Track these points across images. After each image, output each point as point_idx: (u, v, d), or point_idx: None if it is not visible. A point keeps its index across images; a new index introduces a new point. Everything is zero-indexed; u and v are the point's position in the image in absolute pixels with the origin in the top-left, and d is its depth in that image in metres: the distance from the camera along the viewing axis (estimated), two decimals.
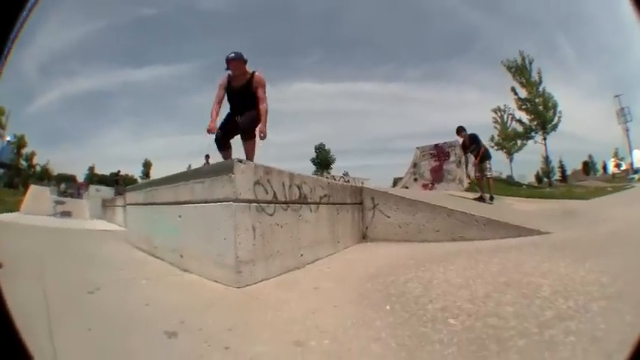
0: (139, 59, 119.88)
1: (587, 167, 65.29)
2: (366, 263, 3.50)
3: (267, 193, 3.24)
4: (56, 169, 52.19)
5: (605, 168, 67.07)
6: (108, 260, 4.25)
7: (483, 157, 8.84)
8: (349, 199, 4.80)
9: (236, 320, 2.14)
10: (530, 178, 52.12)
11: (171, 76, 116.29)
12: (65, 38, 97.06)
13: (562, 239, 3.74)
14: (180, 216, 3.70)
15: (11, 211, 14.03)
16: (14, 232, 7.46)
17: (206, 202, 3.25)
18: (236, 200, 2.88)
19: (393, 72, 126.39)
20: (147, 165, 60.66)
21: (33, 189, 17.35)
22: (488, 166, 8.96)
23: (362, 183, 15.30)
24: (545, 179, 39.43)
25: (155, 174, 60.02)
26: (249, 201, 3.00)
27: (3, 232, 7.72)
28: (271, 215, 3.24)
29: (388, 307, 2.18)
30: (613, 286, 2.07)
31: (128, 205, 6.03)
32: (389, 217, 4.89)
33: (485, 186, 9.10)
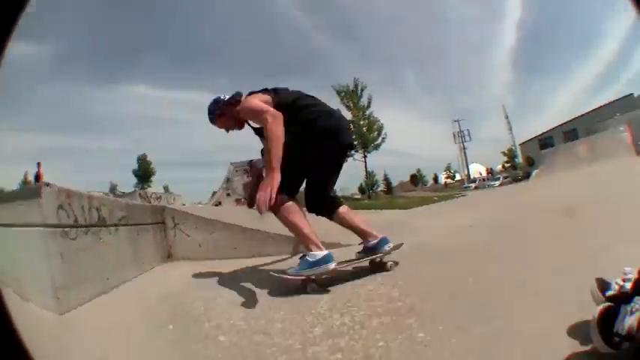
0: None
1: (416, 179, 74.35)
2: (162, 286, 3.59)
3: (69, 217, 3.24)
4: None
5: (436, 179, 79.64)
6: None
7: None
8: (150, 219, 4.76)
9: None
10: (354, 190, 58.20)
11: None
12: None
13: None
14: None
15: None
16: None
17: (14, 225, 3.14)
18: (44, 226, 2.88)
19: (227, 83, 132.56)
20: None
21: None
22: None
23: (174, 200, 15.39)
24: (370, 191, 43.46)
25: None
26: (56, 226, 3.00)
27: None
28: (74, 240, 3.24)
29: (171, 327, 2.27)
30: (403, 300, 2.18)
31: None
32: (189, 236, 4.98)
33: None
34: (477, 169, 71.19)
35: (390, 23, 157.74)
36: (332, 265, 2.68)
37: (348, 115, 31.78)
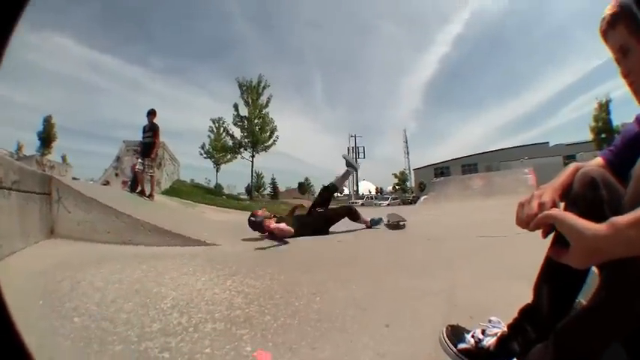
0: None
1: (304, 187, 75.01)
2: (43, 260, 3.45)
3: None
4: None
5: None
6: None
7: (150, 150, 8.68)
8: (38, 189, 4.42)
9: None
10: (241, 190, 57.40)
11: None
12: None
13: (225, 253, 4.01)
14: None
15: None
16: None
17: None
18: None
19: (141, 55, 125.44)
20: None
21: None
22: (153, 162, 8.89)
23: (66, 171, 13.94)
24: (256, 192, 42.72)
25: None
26: None
27: None
28: None
29: (41, 302, 2.29)
30: (243, 309, 2.15)
31: None
32: (70, 212, 4.69)
33: (147, 183, 8.99)
34: (367, 187, 73.03)
35: (312, 25, 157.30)
36: None
37: (244, 110, 31.80)
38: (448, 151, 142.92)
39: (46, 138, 40.43)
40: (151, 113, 8.87)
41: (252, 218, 5.35)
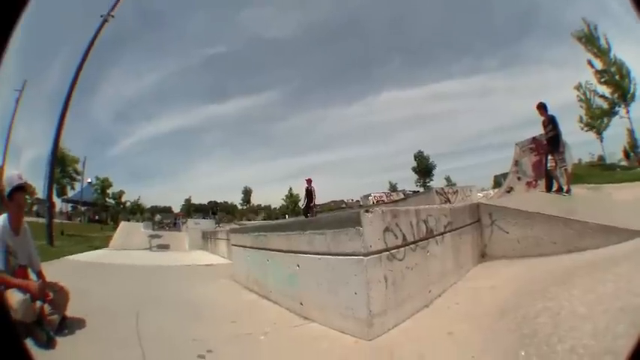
0: (219, 94, 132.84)
1: None
2: (491, 292, 3.33)
3: (396, 237, 3.20)
4: (149, 203, 56.97)
5: None
6: (217, 306, 4.12)
7: (557, 143, 8.11)
8: (469, 219, 4.71)
9: None
10: (620, 155, 48.30)
11: (254, 105, 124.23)
12: (136, 85, 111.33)
13: None
14: (298, 265, 3.76)
15: (97, 248, 13.30)
16: (107, 273, 7.17)
17: (329, 254, 3.23)
18: (366, 254, 2.83)
19: (471, 66, 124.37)
20: (247, 192, 65.85)
21: (124, 225, 18.50)
22: (562, 155, 8.26)
23: (470, 191, 14.79)
24: (632, 154, 35.67)
25: (255, 199, 65.90)
26: (380, 251, 2.96)
27: (95, 273, 7.22)
28: (401, 260, 3.19)
29: (523, 354, 2.07)
30: None
31: (234, 245, 6.20)
32: (507, 232, 4.73)
33: (561, 177, 8.35)
34: None
35: None
36: None
37: (598, 63, 27.05)
38: None
39: (425, 169, 47.25)
40: (540, 107, 8.45)
41: None
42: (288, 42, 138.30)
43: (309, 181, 13.52)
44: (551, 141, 8.17)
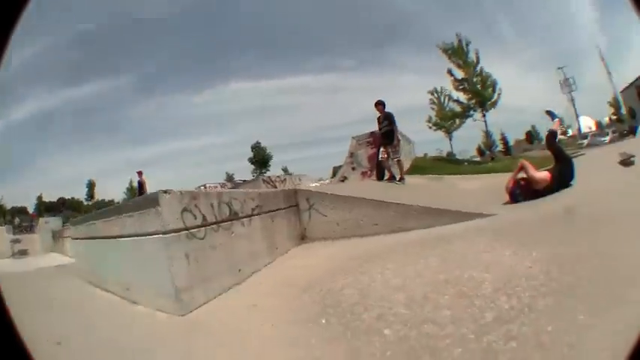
0: (80, 75, 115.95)
1: (531, 137, 67.54)
2: (304, 270, 3.44)
3: (195, 218, 3.34)
4: (9, 203, 49.88)
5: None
6: (67, 303, 3.98)
7: (391, 137, 8.70)
8: (283, 204, 4.89)
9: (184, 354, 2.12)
10: (473, 153, 54.38)
11: (112, 89, 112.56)
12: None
13: (507, 222, 3.68)
14: (119, 249, 3.78)
15: None
16: None
17: (138, 235, 3.32)
18: (165, 232, 2.96)
19: (328, 63, 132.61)
20: (91, 185, 58.01)
21: None
22: (396, 147, 8.81)
23: (299, 180, 15.58)
24: (487, 152, 40.71)
25: (102, 193, 58.84)
26: (179, 230, 3.09)
27: None
28: (202, 239, 3.33)
29: (324, 321, 2.12)
30: (562, 279, 1.91)
31: (72, 239, 5.95)
32: (326, 215, 4.99)
33: (394, 168, 8.96)
34: (587, 124, 59.72)
35: None
36: None
37: (460, 73, 30.04)
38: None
39: (262, 160, 47.38)
40: (379, 104, 9.11)
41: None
42: (149, 22, 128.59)
43: (139, 174, 13.70)
44: (386, 135, 8.81)
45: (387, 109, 9.06)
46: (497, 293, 1.88)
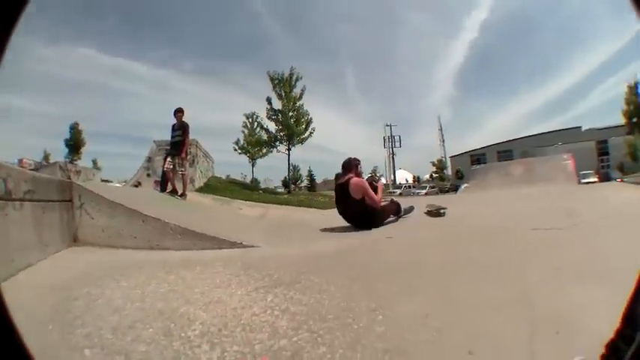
0: None
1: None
2: (57, 274, 3.18)
3: None
4: None
5: None
6: None
7: (181, 148, 8.46)
8: (56, 196, 4.17)
9: None
10: (278, 183, 56.97)
11: None
12: None
13: (265, 257, 3.60)
14: None
15: None
16: None
17: None
18: None
19: (165, 60, 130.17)
20: None
21: None
22: (184, 160, 8.57)
23: (93, 175, 14.19)
24: (292, 185, 41.82)
25: None
26: None
27: None
28: None
29: (50, 327, 2.01)
30: (290, 337, 1.74)
31: None
32: (93, 218, 4.40)
33: (179, 182, 8.69)
34: (404, 176, 71.24)
35: (343, 19, 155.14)
36: None
37: (277, 104, 30.68)
38: (482, 138, 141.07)
39: (75, 144, 42.23)
40: (179, 111, 8.66)
41: None
42: None
43: None
44: (175, 145, 8.49)
45: (184, 119, 8.67)
46: (202, 339, 1.75)
